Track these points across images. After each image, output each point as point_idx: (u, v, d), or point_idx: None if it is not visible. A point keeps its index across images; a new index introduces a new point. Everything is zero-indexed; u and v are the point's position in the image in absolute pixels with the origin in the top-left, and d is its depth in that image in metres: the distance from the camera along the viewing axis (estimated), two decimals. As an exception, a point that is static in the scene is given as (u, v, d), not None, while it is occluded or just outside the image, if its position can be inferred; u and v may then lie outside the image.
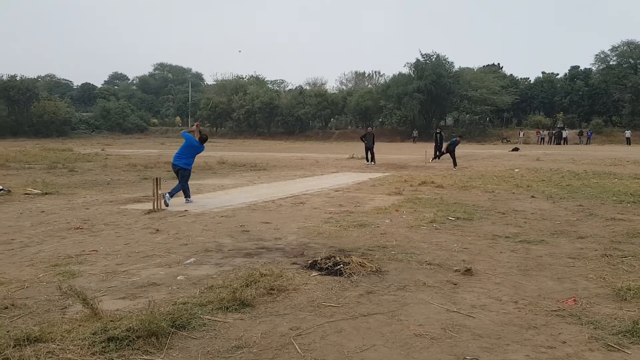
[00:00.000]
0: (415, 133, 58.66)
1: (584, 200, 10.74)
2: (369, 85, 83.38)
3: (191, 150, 10.50)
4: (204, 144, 10.77)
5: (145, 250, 6.32)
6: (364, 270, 5.24)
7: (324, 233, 7.36)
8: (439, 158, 25.10)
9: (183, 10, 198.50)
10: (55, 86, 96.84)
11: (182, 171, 10.37)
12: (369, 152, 23.08)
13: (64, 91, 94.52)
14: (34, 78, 79.43)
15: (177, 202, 10.16)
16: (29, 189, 12.34)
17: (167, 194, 9.92)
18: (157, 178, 9.66)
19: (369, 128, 26.88)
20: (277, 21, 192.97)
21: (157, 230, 7.60)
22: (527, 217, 8.82)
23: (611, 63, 61.06)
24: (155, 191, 9.37)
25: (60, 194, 11.92)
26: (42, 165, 20.34)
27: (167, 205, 9.71)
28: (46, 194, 11.79)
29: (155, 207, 9.35)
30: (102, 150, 34.51)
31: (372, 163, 22.69)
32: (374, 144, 23.31)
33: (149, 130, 77.72)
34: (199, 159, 14.68)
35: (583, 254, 6.14)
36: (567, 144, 51.47)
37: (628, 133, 51.01)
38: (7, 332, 3.57)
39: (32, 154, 26.90)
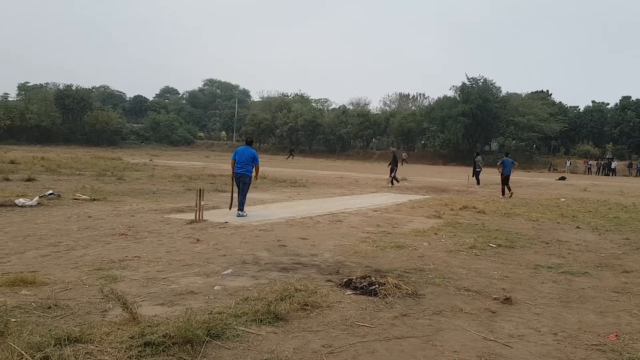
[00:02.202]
0: (405, 155, 54.23)
1: (631, 234, 10.35)
2: (413, 107, 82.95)
3: (248, 155, 10.98)
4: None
5: (185, 259, 6.46)
6: (400, 292, 5.19)
7: (360, 252, 7.34)
8: (479, 183, 24.60)
9: (234, 30, 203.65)
10: (109, 97, 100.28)
11: (247, 178, 10.93)
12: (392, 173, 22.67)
13: (117, 102, 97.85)
14: (89, 88, 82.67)
15: (217, 214, 10.35)
16: (78, 194, 12.80)
17: (240, 212, 10.55)
18: (200, 189, 9.88)
19: (392, 148, 26.05)
20: (324, 41, 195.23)
21: (198, 240, 7.76)
22: (571, 248, 8.56)
23: (664, 94, 58.86)
24: (198, 202, 9.57)
25: (108, 200, 12.32)
26: (92, 173, 21.05)
27: (245, 215, 10.52)
28: (94, 200, 12.20)
29: (197, 217, 9.54)
30: (150, 160, 35.51)
31: (390, 185, 21.77)
32: (396, 164, 22.76)
33: (196, 143, 79.62)
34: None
35: (628, 289, 5.92)
36: (615, 175, 49.70)
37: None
38: (49, 331, 3.70)
39: (83, 161, 27.94)
